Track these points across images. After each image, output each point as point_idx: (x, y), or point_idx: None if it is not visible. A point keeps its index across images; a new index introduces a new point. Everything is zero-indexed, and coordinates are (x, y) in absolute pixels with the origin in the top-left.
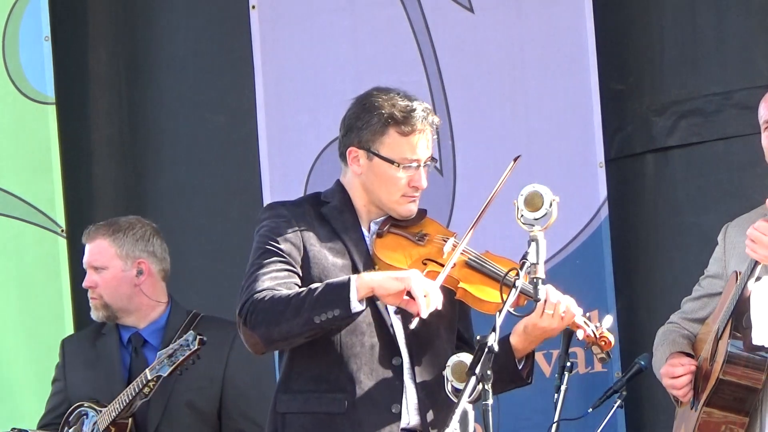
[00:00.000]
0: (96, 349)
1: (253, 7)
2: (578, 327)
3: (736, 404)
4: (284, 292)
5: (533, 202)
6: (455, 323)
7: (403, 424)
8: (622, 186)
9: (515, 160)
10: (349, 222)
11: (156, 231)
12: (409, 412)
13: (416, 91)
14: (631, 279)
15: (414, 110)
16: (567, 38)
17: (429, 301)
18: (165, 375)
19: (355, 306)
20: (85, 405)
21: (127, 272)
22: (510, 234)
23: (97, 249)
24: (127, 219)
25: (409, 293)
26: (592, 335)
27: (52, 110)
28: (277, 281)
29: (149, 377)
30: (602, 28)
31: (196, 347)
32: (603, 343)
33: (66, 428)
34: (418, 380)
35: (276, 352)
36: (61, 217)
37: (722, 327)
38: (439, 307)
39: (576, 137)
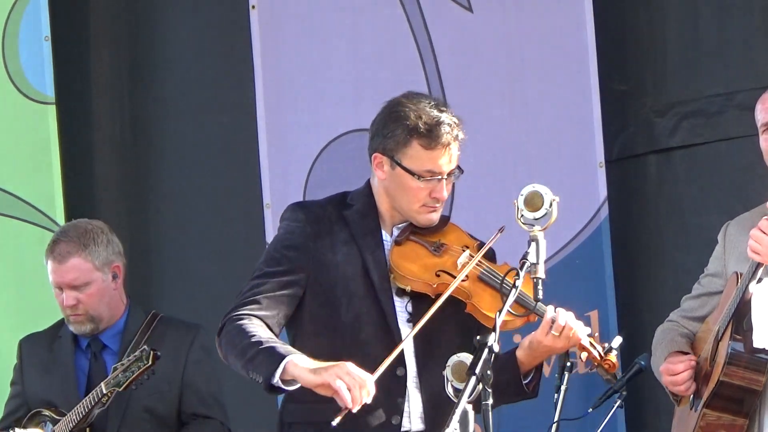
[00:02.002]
0: (52, 352)
1: (253, 7)
2: (584, 349)
3: (736, 406)
4: (250, 329)
5: (533, 202)
6: (473, 329)
7: (404, 429)
8: (624, 187)
9: (500, 230)
10: (369, 227)
11: (110, 229)
12: (412, 420)
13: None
14: (631, 279)
15: (440, 124)
16: (567, 38)
17: (357, 394)
18: (120, 389)
19: (277, 382)
20: (45, 413)
21: (107, 281)
22: (510, 234)
23: (74, 269)
24: (82, 226)
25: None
26: (598, 357)
27: (52, 110)
28: (264, 294)
29: (104, 391)
30: (604, 28)
31: (149, 363)
32: (607, 366)
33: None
34: (424, 389)
35: None
36: (61, 217)
37: (723, 328)
38: (369, 402)
39: (576, 137)
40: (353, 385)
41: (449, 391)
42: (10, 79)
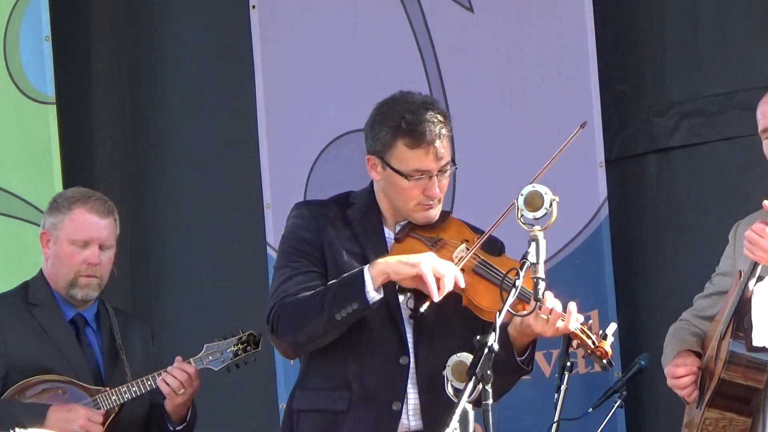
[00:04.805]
0: (35, 318)
1: (254, 7)
2: (575, 336)
3: (738, 405)
4: (305, 294)
5: (533, 202)
6: (479, 321)
7: (403, 428)
8: (624, 187)
9: (582, 126)
10: (370, 225)
11: None
12: (410, 414)
13: (416, 91)
14: (631, 279)
15: (423, 122)
16: (567, 38)
17: (443, 283)
18: (216, 369)
19: (372, 296)
20: (60, 381)
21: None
22: (510, 234)
23: (109, 228)
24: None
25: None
26: (591, 345)
27: (52, 110)
28: (301, 285)
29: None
30: (603, 28)
31: (258, 348)
32: (599, 353)
33: (19, 397)
34: (422, 382)
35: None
36: None
37: (725, 327)
38: (461, 284)
39: (576, 137)
40: (441, 275)
41: (449, 391)
42: (11, 79)
